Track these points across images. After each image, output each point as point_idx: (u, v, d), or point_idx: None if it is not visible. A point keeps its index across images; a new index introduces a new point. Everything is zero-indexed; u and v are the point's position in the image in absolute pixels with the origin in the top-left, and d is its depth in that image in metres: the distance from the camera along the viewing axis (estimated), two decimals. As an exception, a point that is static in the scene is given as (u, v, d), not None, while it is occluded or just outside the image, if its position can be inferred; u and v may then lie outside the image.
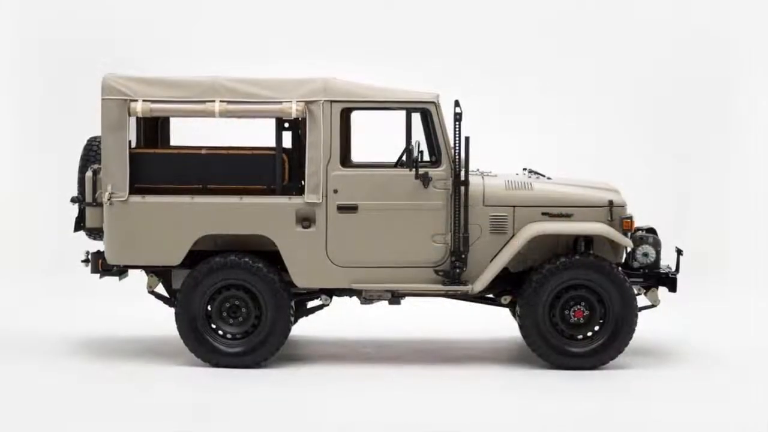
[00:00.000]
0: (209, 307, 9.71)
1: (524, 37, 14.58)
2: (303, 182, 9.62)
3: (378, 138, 10.62)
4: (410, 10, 14.61)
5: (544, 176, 10.24)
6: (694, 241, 12.66)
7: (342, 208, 9.55)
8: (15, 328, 11.38)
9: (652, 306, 9.96)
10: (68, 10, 14.62)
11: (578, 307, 9.63)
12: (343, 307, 10.60)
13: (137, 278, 10.09)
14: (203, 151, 9.69)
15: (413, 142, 9.49)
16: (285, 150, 9.70)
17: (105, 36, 14.51)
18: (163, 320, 10.71)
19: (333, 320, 11.11)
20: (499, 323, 11.20)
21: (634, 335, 9.68)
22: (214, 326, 9.72)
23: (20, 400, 8.76)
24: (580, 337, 9.70)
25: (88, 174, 9.76)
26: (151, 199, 9.57)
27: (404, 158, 9.61)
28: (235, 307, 9.70)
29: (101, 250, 9.84)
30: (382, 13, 14.58)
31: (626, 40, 14.68)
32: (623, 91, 14.62)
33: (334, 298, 9.94)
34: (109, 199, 9.52)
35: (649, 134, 14.62)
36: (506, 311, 10.65)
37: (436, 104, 9.61)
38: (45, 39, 14.61)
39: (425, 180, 9.51)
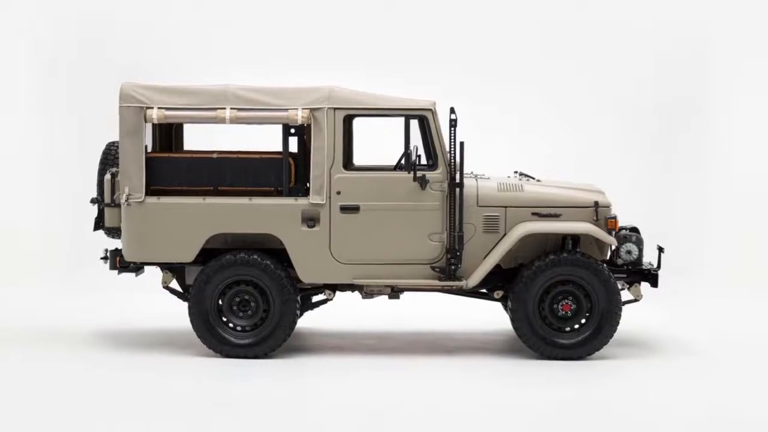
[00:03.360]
0: (220, 302, 9.89)
1: (517, 47, 14.47)
2: (308, 184, 9.80)
3: (378, 143, 10.76)
4: (410, 22, 14.52)
5: (533, 179, 10.41)
6: (674, 240, 12.67)
7: (344, 209, 9.75)
8: (37, 322, 11.50)
9: (635, 300, 10.12)
10: (85, 17, 14.54)
11: (566, 301, 9.83)
12: (345, 301, 10.79)
13: (153, 274, 10.31)
14: (215, 156, 9.83)
15: (411, 147, 9.63)
16: (291, 154, 9.88)
17: (117, 41, 14.42)
18: (176, 314, 10.91)
19: (336, 314, 11.30)
20: (491, 316, 11.40)
21: (618, 328, 9.87)
22: (224, 319, 9.90)
23: (42, 391, 8.86)
24: (568, 329, 9.89)
25: (107, 177, 9.96)
26: (165, 200, 9.76)
27: (403, 162, 9.77)
28: (245, 302, 9.88)
29: (119, 248, 10.04)
30: (383, 25, 14.50)
31: (616, 44, 14.55)
32: (608, 97, 14.48)
33: (337, 293, 10.09)
34: (126, 200, 9.73)
35: (633, 138, 14.46)
36: (499, 305, 10.83)
37: (432, 111, 9.76)
38: (65, 42, 14.48)
39: (422, 182, 9.69)
